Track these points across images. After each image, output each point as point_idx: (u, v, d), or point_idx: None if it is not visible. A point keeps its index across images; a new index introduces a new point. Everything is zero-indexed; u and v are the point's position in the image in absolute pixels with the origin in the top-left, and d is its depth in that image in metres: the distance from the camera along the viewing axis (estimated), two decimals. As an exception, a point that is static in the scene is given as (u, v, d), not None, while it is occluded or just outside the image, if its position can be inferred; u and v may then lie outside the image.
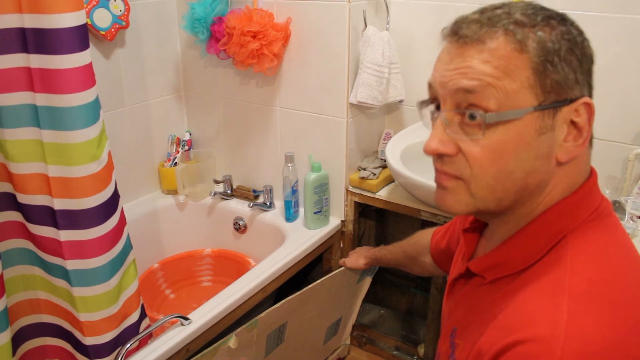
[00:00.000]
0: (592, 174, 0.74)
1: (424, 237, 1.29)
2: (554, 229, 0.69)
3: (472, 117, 0.66)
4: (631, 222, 1.50)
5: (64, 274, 1.27)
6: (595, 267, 0.65)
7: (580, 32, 0.70)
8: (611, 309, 0.61)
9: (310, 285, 1.49)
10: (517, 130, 0.66)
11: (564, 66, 0.66)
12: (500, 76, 0.65)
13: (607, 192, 1.60)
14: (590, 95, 0.69)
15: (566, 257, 0.67)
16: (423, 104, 0.76)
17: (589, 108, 0.67)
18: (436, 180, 0.74)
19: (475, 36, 0.68)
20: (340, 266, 1.62)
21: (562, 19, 0.69)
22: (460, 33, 0.70)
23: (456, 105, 0.68)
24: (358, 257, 1.58)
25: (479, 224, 0.86)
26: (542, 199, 0.70)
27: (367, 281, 1.74)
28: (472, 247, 0.86)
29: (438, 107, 0.72)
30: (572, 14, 0.72)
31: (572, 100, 0.67)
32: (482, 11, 0.71)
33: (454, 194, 0.71)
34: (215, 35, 1.76)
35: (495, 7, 0.70)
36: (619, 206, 1.54)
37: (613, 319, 0.61)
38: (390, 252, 1.47)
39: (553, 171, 0.69)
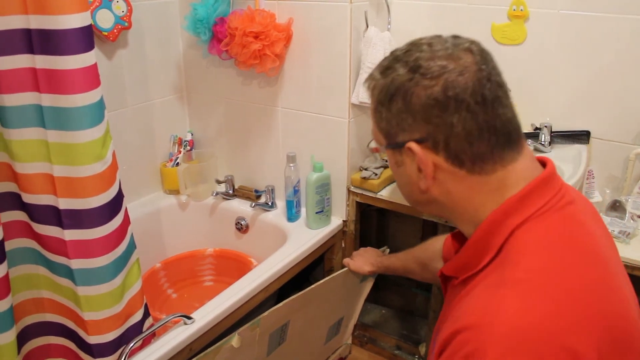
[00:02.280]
0: (544, 171, 0.77)
1: (436, 243, 1.29)
2: (501, 227, 0.74)
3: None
4: (632, 221, 1.50)
5: (69, 273, 1.27)
6: (535, 256, 0.70)
7: (422, 74, 0.73)
8: (542, 294, 0.65)
9: (313, 285, 1.49)
10: (389, 159, 0.83)
11: (387, 115, 0.78)
12: (372, 122, 0.84)
13: (607, 191, 1.61)
14: (434, 136, 0.73)
15: (512, 251, 0.72)
16: None
17: (413, 152, 0.76)
18: None
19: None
20: (344, 266, 1.62)
21: (407, 62, 0.75)
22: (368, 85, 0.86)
23: None
24: (363, 263, 1.55)
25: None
26: (453, 198, 0.78)
27: (370, 281, 1.74)
28: (452, 251, 0.93)
29: None
30: (574, 14, 0.73)
31: (401, 144, 0.77)
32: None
33: None
34: (218, 35, 1.77)
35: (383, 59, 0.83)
36: (619, 205, 1.55)
37: (542, 305, 0.64)
38: (400, 259, 1.46)
39: (427, 193, 0.79)
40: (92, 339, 1.31)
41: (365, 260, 1.56)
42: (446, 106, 0.72)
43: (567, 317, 0.64)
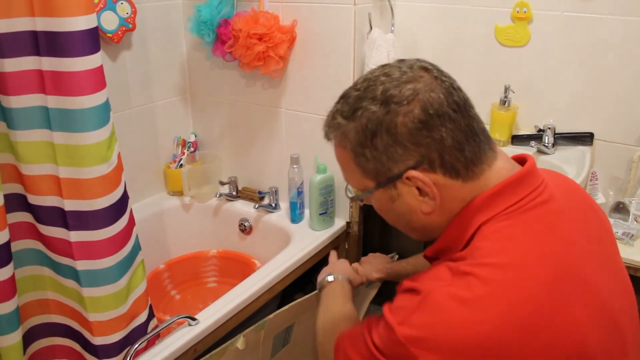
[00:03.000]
0: (519, 171, 0.79)
1: None
2: (472, 221, 0.77)
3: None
4: (635, 223, 1.50)
5: (74, 274, 1.28)
6: (490, 251, 0.73)
7: (396, 103, 0.75)
8: (479, 289, 0.69)
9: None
10: (378, 200, 0.83)
11: (373, 154, 0.77)
12: (344, 170, 0.85)
13: (611, 193, 1.61)
14: (427, 156, 0.75)
15: (474, 244, 0.75)
16: None
17: (415, 178, 0.76)
18: None
19: (326, 137, 0.87)
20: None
21: (375, 97, 0.76)
22: (324, 132, 0.87)
23: None
24: (371, 270, 1.48)
25: None
26: (446, 217, 0.80)
27: (376, 286, 1.74)
28: None
29: None
30: (578, 16, 0.73)
31: (398, 176, 0.77)
32: (333, 107, 0.85)
33: None
34: (221, 37, 1.77)
35: (340, 98, 0.84)
36: (622, 207, 1.55)
37: (468, 298, 0.69)
38: (410, 264, 1.44)
39: (430, 217, 0.80)
40: (97, 340, 1.31)
41: (373, 267, 1.52)
42: (432, 124, 0.74)
43: (502, 319, 0.67)
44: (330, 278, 1.25)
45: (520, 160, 0.83)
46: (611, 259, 0.83)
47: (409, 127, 0.74)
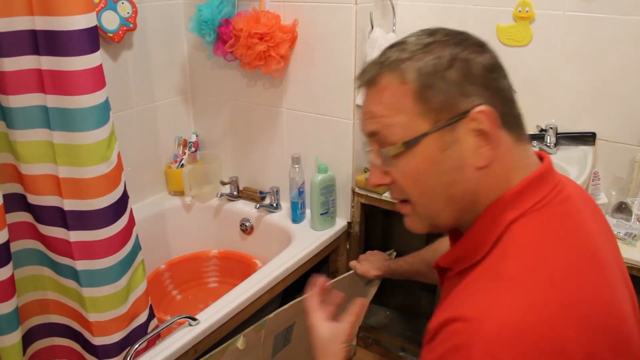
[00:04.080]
0: (541, 166, 0.76)
1: (443, 244, 1.29)
2: (498, 220, 0.73)
3: (384, 154, 0.76)
4: (637, 223, 1.50)
5: (74, 274, 1.27)
6: (529, 252, 0.69)
7: (467, 46, 0.73)
8: (533, 292, 0.65)
9: (318, 287, 1.49)
10: (422, 153, 0.73)
11: (446, 86, 0.71)
12: (392, 114, 0.73)
13: (613, 193, 1.60)
14: (492, 101, 0.72)
15: (507, 245, 0.71)
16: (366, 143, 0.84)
17: (485, 114, 0.71)
18: (397, 210, 0.83)
19: (371, 80, 0.76)
20: (349, 268, 1.62)
21: (448, 39, 0.74)
22: (360, 81, 0.78)
23: (373, 144, 0.78)
24: (370, 268, 1.51)
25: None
26: (482, 201, 0.75)
27: (376, 284, 1.73)
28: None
29: None
30: (580, 15, 0.72)
31: (465, 113, 0.71)
32: (382, 53, 0.78)
33: (410, 218, 0.81)
34: (223, 37, 1.77)
35: (392, 45, 0.78)
36: (625, 207, 1.54)
37: (531, 302, 0.64)
38: (407, 262, 1.45)
39: (476, 176, 0.73)
40: (97, 340, 1.31)
41: (372, 264, 1.54)
42: (499, 72, 0.74)
43: (559, 316, 0.64)
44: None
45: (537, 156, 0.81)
46: (621, 262, 0.83)
47: (484, 65, 0.72)
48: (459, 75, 0.71)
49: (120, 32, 1.73)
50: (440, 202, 0.76)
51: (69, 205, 1.22)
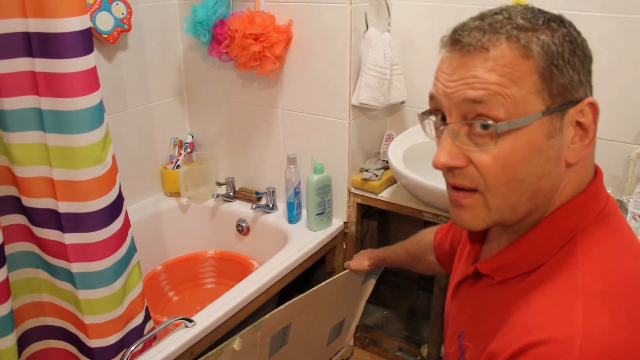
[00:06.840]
0: (597, 173, 0.73)
1: (427, 236, 1.29)
2: (564, 228, 0.69)
3: (483, 127, 0.65)
4: (633, 221, 1.50)
5: (69, 276, 1.27)
6: (607, 266, 0.65)
7: (579, 33, 0.70)
8: (627, 308, 0.61)
9: (314, 287, 1.49)
10: (527, 136, 0.65)
11: (569, 69, 0.66)
12: (507, 84, 0.64)
13: (609, 191, 1.60)
14: (591, 95, 0.69)
15: (577, 257, 0.66)
16: (425, 115, 0.74)
17: (594, 107, 0.67)
18: (452, 199, 0.73)
19: (478, 44, 0.66)
20: (345, 268, 1.62)
21: (561, 20, 0.69)
22: (463, 42, 0.68)
23: (463, 116, 0.67)
24: (362, 259, 1.58)
25: None
26: (553, 201, 0.70)
27: (371, 283, 1.74)
28: (477, 247, 0.86)
29: (443, 119, 0.70)
30: (573, 14, 0.72)
31: (577, 102, 0.66)
32: (482, 17, 0.70)
33: (470, 210, 0.70)
34: (218, 37, 1.77)
35: (495, 13, 0.70)
36: (621, 205, 1.54)
37: (630, 319, 0.60)
38: (394, 252, 1.47)
39: (563, 173, 0.68)
40: (93, 343, 1.31)
41: (362, 256, 1.60)
42: (591, 60, 0.70)
43: None
44: None
45: None
46: None
47: (589, 54, 0.69)
48: (580, 62, 0.67)
49: (115, 33, 1.73)
50: (525, 194, 0.68)
51: (63, 207, 1.22)
